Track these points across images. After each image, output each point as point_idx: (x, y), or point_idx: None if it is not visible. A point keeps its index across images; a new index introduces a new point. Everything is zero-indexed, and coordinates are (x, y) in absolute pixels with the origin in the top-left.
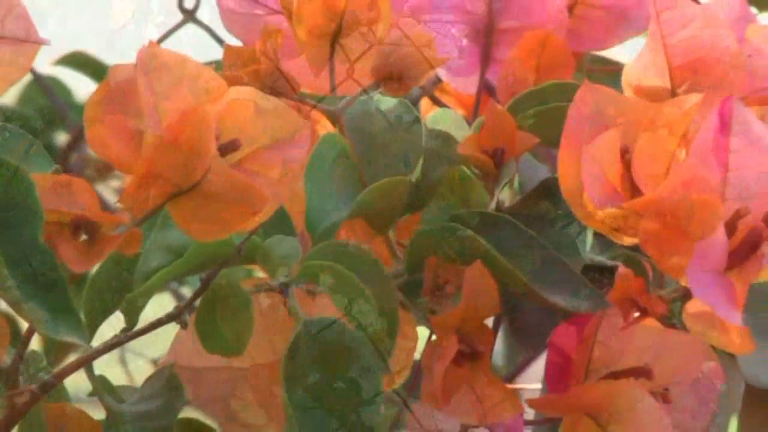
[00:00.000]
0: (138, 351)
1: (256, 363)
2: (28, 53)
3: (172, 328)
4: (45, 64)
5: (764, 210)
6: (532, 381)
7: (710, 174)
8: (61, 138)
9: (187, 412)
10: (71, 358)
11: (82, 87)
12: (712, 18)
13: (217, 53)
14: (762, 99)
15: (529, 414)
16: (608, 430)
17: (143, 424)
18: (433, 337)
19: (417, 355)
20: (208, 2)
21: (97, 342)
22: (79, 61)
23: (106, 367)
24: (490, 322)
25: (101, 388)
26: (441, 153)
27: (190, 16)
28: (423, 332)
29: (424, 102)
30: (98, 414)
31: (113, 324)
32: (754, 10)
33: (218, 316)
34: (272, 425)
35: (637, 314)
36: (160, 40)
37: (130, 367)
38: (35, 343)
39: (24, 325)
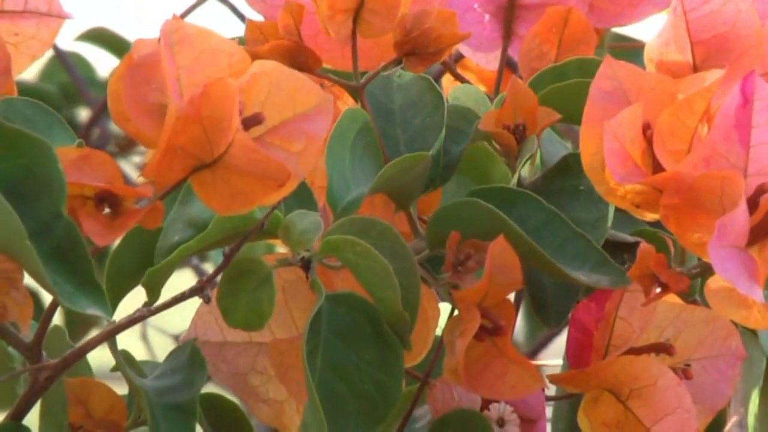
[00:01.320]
0: (159, 326)
1: (277, 338)
2: (52, 28)
3: (192, 304)
4: (67, 39)
5: None
6: (553, 357)
7: (732, 149)
8: (82, 114)
9: (209, 388)
10: (93, 333)
11: (103, 63)
12: None
13: (238, 30)
14: None
15: (551, 390)
16: (629, 406)
17: (166, 399)
18: (455, 313)
19: (438, 331)
20: None
21: (118, 318)
22: (100, 37)
23: (128, 342)
24: (511, 297)
25: (124, 362)
26: (462, 129)
27: None
28: (444, 308)
29: (446, 78)
30: (121, 389)
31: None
32: None
33: (240, 291)
34: (293, 400)
35: (658, 290)
36: (183, 15)
37: (152, 343)
38: (58, 318)
39: (47, 300)
